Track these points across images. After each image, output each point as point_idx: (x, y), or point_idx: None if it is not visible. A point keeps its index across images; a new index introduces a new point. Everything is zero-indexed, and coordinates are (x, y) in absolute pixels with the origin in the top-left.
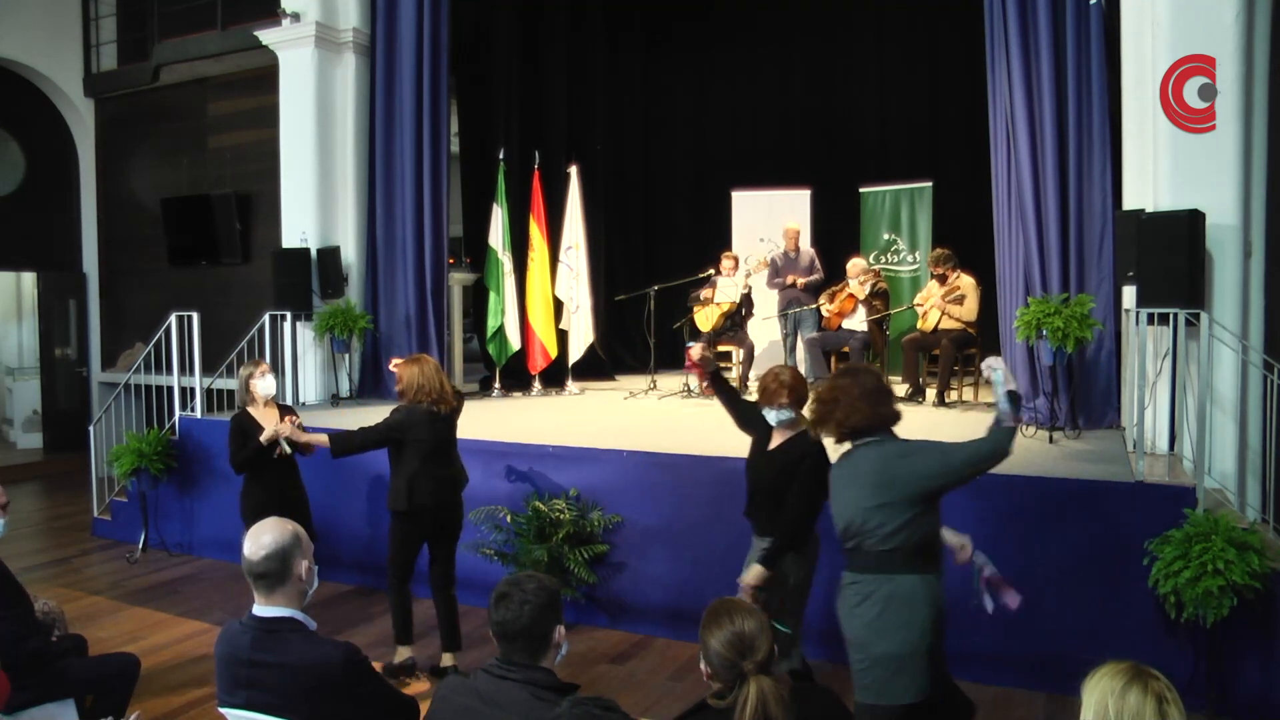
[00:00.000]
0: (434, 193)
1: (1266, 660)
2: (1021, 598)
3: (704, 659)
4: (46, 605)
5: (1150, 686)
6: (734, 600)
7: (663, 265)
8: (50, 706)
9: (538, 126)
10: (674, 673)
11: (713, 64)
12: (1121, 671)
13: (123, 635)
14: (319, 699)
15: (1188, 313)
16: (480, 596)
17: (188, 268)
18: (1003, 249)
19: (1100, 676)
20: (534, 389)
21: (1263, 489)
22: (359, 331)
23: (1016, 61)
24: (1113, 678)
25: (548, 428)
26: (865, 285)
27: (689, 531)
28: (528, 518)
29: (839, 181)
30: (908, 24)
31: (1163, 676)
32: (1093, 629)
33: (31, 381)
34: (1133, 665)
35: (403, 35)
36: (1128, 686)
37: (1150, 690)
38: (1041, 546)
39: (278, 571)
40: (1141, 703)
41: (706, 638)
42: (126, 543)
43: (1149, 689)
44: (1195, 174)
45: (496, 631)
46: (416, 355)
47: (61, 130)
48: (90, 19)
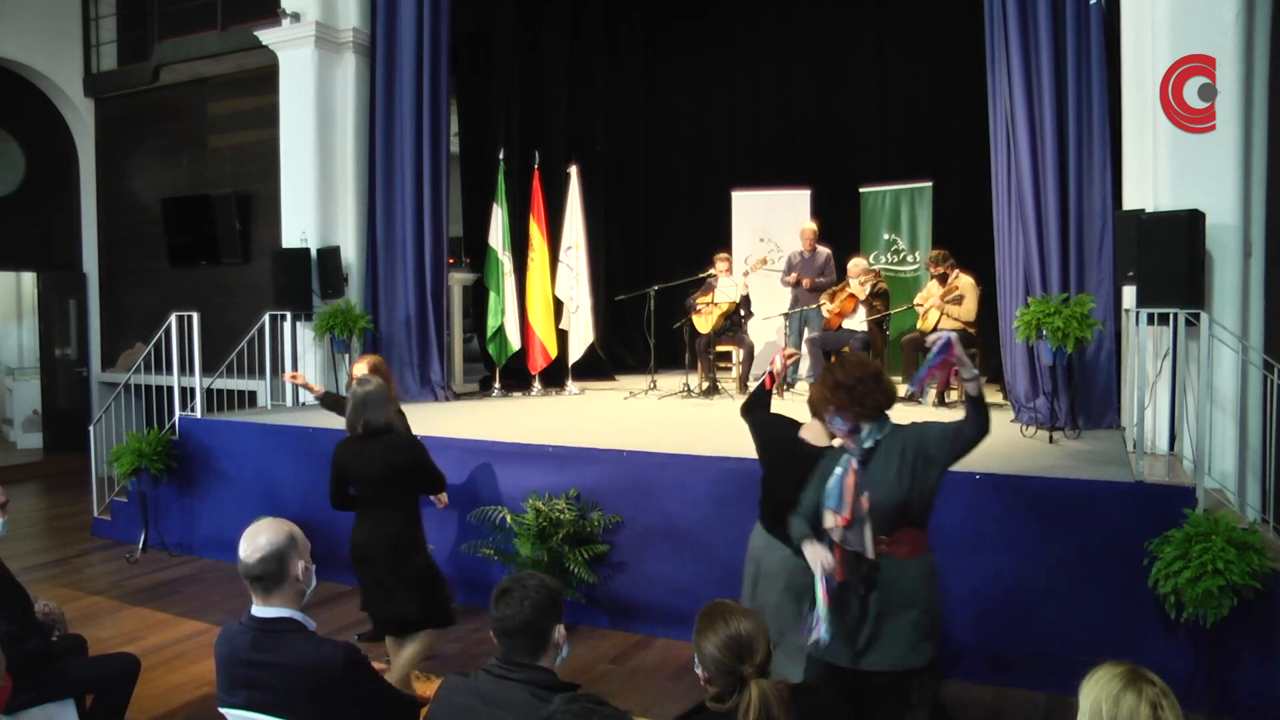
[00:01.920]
0: (434, 193)
1: (1266, 660)
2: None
3: (699, 664)
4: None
5: (1145, 692)
6: (727, 602)
7: (663, 265)
8: (50, 706)
9: (538, 126)
10: (674, 673)
11: (713, 64)
12: (1118, 675)
13: (123, 635)
14: (319, 699)
15: (1188, 313)
16: (480, 596)
17: (188, 268)
18: (1003, 249)
19: (1096, 679)
20: (534, 389)
21: (1263, 489)
22: (359, 331)
23: (1016, 61)
24: (1109, 681)
25: (548, 428)
26: (865, 285)
27: (689, 531)
28: (528, 518)
29: (839, 181)
30: (908, 24)
31: (1159, 680)
32: (1093, 629)
33: (31, 381)
34: (1129, 669)
35: (403, 35)
36: (1123, 691)
37: (1145, 696)
38: (1041, 546)
39: (274, 573)
40: (1136, 707)
41: (701, 642)
42: (126, 543)
43: (1144, 694)
44: (1195, 174)
45: (497, 628)
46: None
47: (61, 130)
48: (90, 19)
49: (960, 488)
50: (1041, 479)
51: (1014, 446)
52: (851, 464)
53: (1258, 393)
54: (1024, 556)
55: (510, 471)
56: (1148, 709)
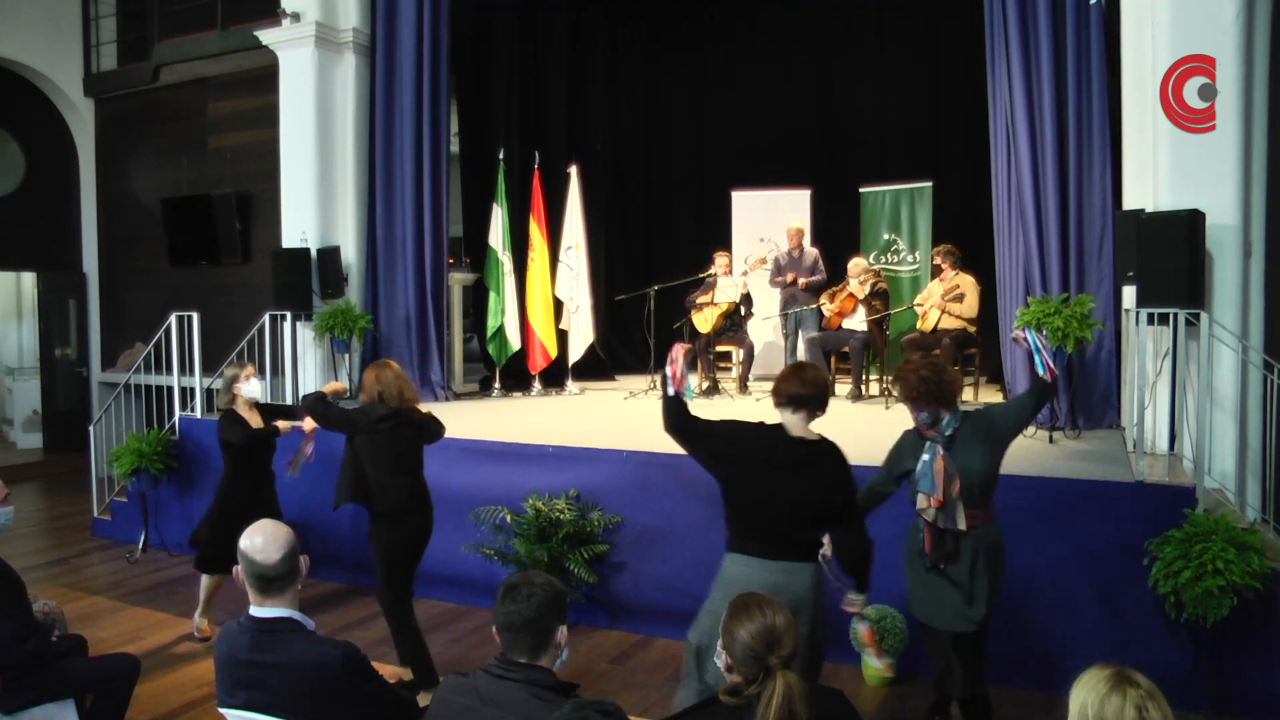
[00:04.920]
0: (434, 193)
1: (1266, 660)
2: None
3: (725, 649)
4: (46, 605)
5: (1130, 694)
6: (763, 596)
7: (663, 265)
8: (50, 706)
9: (538, 126)
10: (674, 673)
11: (713, 64)
12: (1106, 679)
13: (123, 635)
14: (319, 698)
15: (1188, 313)
16: (480, 596)
17: (188, 268)
18: (1003, 249)
19: (1084, 682)
20: (534, 389)
21: (1263, 489)
22: (359, 331)
23: (1016, 61)
24: (1096, 684)
25: (548, 428)
26: (865, 285)
27: (689, 531)
28: (528, 518)
29: (839, 181)
30: (908, 24)
31: (1145, 682)
32: (1093, 629)
33: (31, 381)
34: (1116, 670)
35: (403, 35)
36: (1109, 694)
37: (1130, 698)
38: (1041, 546)
39: (290, 572)
40: (1122, 708)
41: (734, 628)
42: (126, 543)
43: (1129, 696)
44: (1195, 174)
45: (501, 623)
46: (382, 360)
47: (61, 130)
48: (90, 19)
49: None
50: (1041, 479)
51: (1014, 446)
52: (939, 451)
53: (1258, 393)
54: (1024, 556)
55: (510, 471)
56: (1133, 711)
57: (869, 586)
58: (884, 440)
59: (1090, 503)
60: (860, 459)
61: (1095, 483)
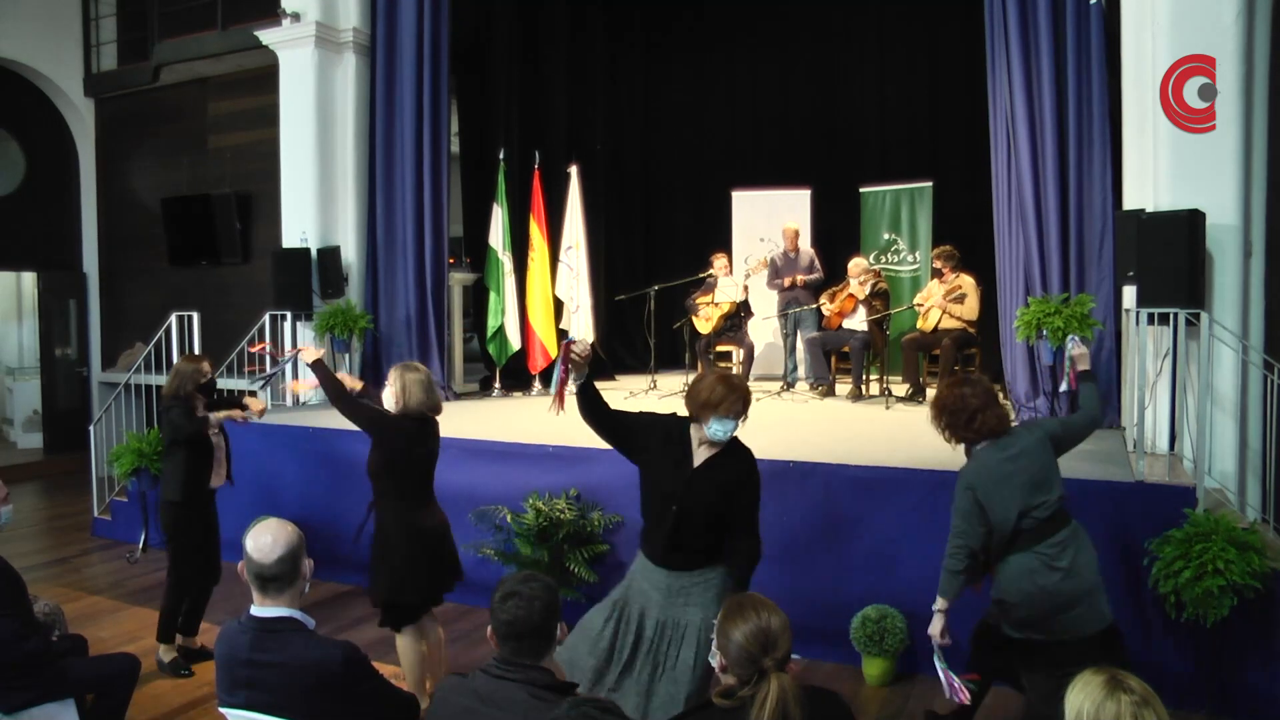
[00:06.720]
0: (434, 193)
1: (1266, 660)
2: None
3: (720, 650)
4: (46, 605)
5: (1122, 700)
6: (759, 596)
7: (663, 265)
8: (50, 706)
9: (538, 126)
10: None
11: (713, 64)
12: (1100, 684)
13: (123, 635)
14: (319, 698)
15: (1188, 313)
16: (480, 596)
17: (188, 268)
18: (1003, 249)
19: (1078, 687)
20: (534, 389)
21: (1263, 489)
22: (359, 331)
23: (1016, 61)
24: (1090, 689)
25: (548, 428)
26: (866, 285)
27: None
28: (528, 517)
29: (839, 181)
30: (908, 24)
31: (1139, 687)
32: None
33: (31, 381)
34: (1110, 675)
35: (403, 35)
36: (1105, 700)
37: (1124, 704)
38: None
39: (289, 573)
40: (1117, 714)
41: (729, 629)
42: (126, 543)
43: (1122, 702)
44: (1195, 174)
45: (505, 631)
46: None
47: (61, 130)
48: (90, 19)
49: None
50: None
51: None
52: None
53: (1258, 393)
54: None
55: (510, 471)
56: (1130, 717)
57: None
58: (884, 440)
59: (1090, 502)
60: (860, 459)
61: (1095, 482)
